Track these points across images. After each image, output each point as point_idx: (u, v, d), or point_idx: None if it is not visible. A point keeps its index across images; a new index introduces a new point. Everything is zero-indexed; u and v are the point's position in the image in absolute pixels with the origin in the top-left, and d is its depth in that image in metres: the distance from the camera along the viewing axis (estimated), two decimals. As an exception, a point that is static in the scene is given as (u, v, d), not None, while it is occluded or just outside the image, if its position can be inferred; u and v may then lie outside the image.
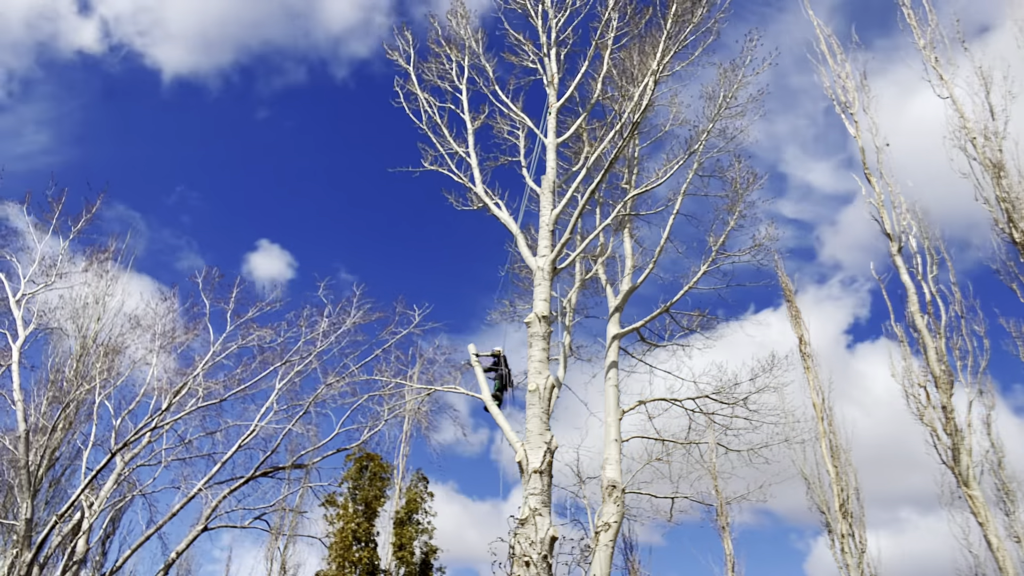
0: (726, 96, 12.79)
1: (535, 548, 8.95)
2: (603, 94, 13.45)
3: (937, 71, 14.39)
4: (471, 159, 13.26)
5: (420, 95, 13.94)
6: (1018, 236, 12.49)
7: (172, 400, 16.34)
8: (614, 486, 12.34)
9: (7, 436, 16.13)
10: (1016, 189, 12.75)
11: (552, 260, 11.46)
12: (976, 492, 11.96)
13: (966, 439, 12.42)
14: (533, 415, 10.07)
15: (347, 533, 22.30)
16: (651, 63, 11.57)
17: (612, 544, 11.92)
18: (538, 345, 10.69)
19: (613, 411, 13.39)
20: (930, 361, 13.18)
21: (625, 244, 15.83)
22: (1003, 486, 13.95)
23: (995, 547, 11.61)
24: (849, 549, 16.70)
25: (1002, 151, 13.22)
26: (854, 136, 15.40)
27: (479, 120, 13.91)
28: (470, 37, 14.30)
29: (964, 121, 13.80)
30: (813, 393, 18.89)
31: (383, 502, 23.92)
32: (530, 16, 14.15)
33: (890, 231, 14.45)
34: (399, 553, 23.18)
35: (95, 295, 19.27)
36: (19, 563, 13.97)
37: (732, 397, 14.40)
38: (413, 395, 15.23)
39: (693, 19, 11.81)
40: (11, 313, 16.70)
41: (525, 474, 9.65)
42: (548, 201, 12.18)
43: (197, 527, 16.99)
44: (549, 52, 13.79)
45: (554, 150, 12.90)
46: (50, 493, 19.21)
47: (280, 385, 17.54)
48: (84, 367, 17.29)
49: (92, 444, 16.57)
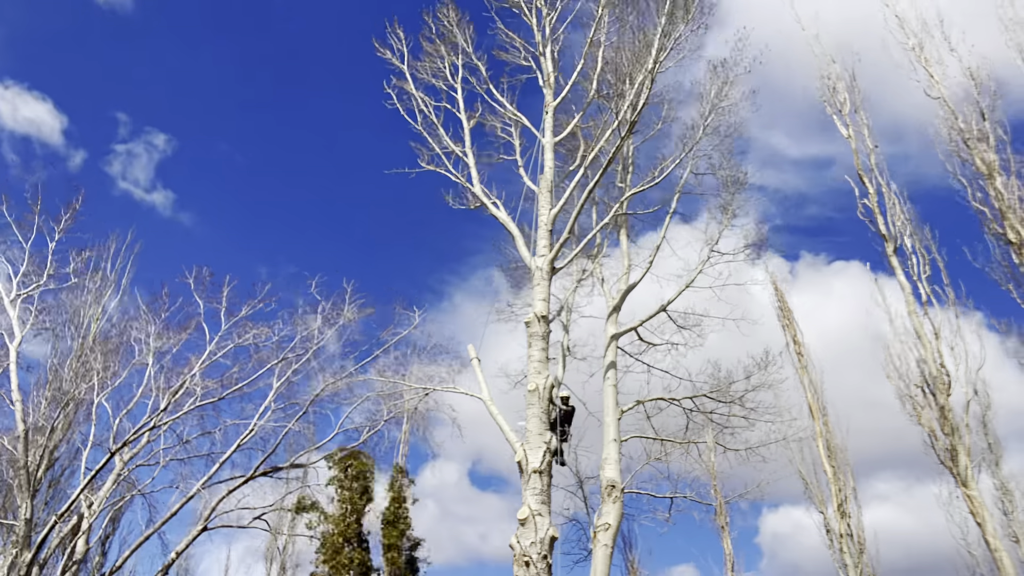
0: (718, 95, 12.80)
1: (535, 548, 8.95)
2: (599, 93, 13.43)
3: (927, 71, 14.41)
4: (468, 158, 13.21)
5: (415, 94, 13.89)
6: (1013, 237, 12.51)
7: (170, 400, 16.37)
8: (613, 486, 12.33)
9: (6, 436, 16.14)
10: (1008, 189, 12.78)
11: (550, 260, 11.45)
12: (974, 492, 11.98)
13: (964, 439, 12.44)
14: (533, 415, 10.06)
15: (337, 536, 22.23)
16: (646, 61, 11.57)
17: (612, 544, 11.90)
18: (537, 345, 10.69)
19: (612, 411, 13.38)
20: (927, 361, 13.21)
21: (622, 243, 15.82)
22: (1001, 486, 13.97)
23: (993, 547, 11.63)
24: (848, 549, 16.71)
25: (994, 151, 13.25)
26: (846, 137, 15.40)
27: (475, 119, 13.82)
28: (463, 35, 14.25)
29: (956, 122, 13.82)
30: (807, 392, 18.91)
31: (368, 500, 23.86)
32: (523, 14, 14.11)
33: (884, 231, 14.47)
34: (388, 554, 23.11)
35: (93, 295, 19.29)
36: (19, 563, 13.98)
37: (728, 395, 14.41)
38: (412, 395, 15.23)
39: (687, 16, 11.80)
40: (6, 313, 16.74)
41: (525, 474, 9.65)
42: (546, 200, 12.17)
43: (196, 527, 17.03)
44: (544, 51, 13.75)
45: (551, 149, 12.89)
46: (49, 493, 19.21)
47: (277, 384, 17.57)
48: (82, 367, 17.28)
49: (91, 444, 16.61)
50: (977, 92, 13.53)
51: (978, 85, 13.56)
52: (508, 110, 13.89)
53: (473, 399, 11.18)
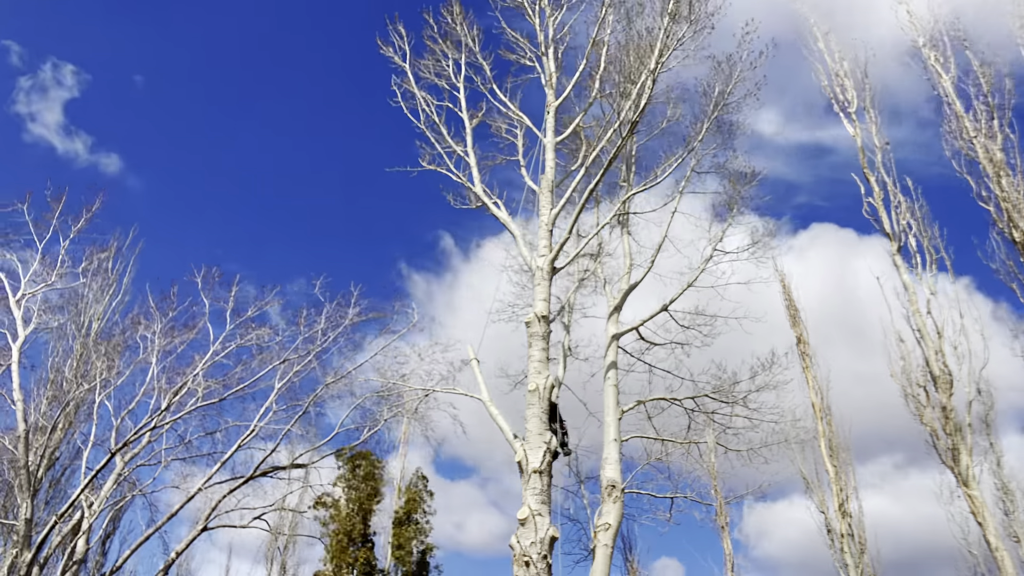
0: (722, 92, 12.73)
1: (535, 548, 8.93)
2: (601, 92, 13.40)
3: (936, 69, 14.37)
4: (470, 158, 13.19)
5: (417, 93, 13.84)
6: (1018, 236, 12.48)
7: (172, 400, 16.36)
8: (613, 486, 12.30)
9: (7, 436, 16.13)
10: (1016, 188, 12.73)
11: (551, 260, 11.42)
12: (976, 492, 11.95)
13: (966, 439, 12.41)
14: (533, 415, 10.04)
15: (342, 535, 22.31)
16: (648, 61, 11.53)
17: (612, 544, 11.88)
18: (538, 345, 10.66)
19: (612, 411, 13.34)
20: (929, 361, 13.18)
21: (624, 243, 15.77)
22: (1002, 486, 13.93)
23: (994, 547, 11.60)
24: (849, 549, 16.68)
25: (1003, 150, 13.22)
26: (852, 135, 15.35)
27: (477, 118, 13.80)
28: (466, 34, 14.22)
29: (963, 119, 13.78)
30: (812, 392, 18.87)
31: (378, 500, 23.93)
32: (527, 14, 14.09)
33: (889, 230, 14.43)
34: (397, 553, 23.20)
35: (95, 294, 19.30)
36: (19, 563, 13.98)
37: (731, 396, 14.35)
38: (412, 395, 15.22)
39: (691, 17, 11.76)
40: (11, 313, 16.73)
41: (525, 474, 9.62)
42: (547, 200, 12.15)
43: (197, 527, 17.01)
44: (547, 51, 13.73)
45: (552, 149, 12.86)
46: (50, 493, 19.23)
47: (279, 385, 17.56)
48: (84, 367, 17.29)
49: (92, 444, 16.62)
50: (986, 89, 13.49)
51: (987, 82, 13.51)
52: (510, 109, 13.86)
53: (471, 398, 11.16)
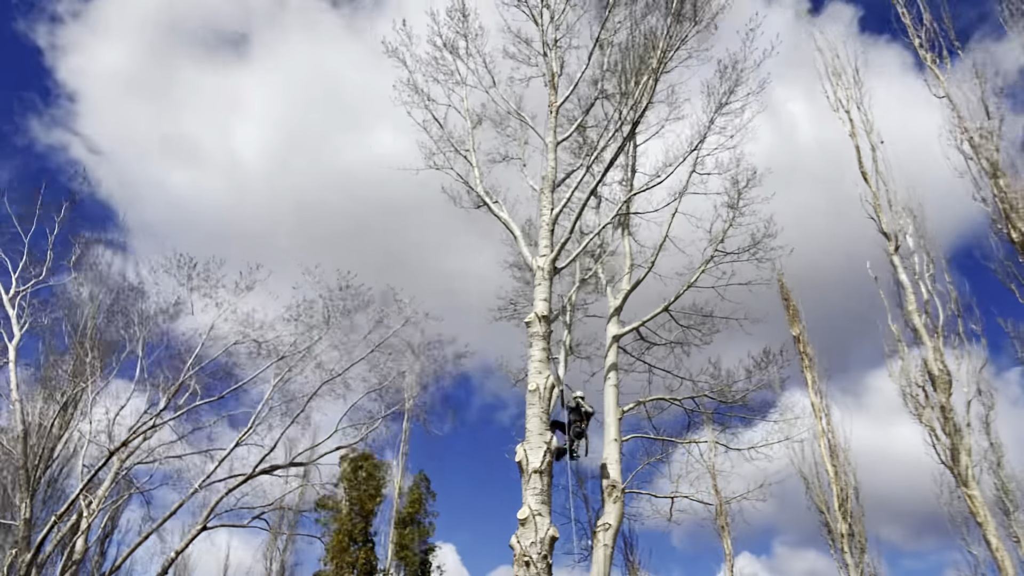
0: (725, 92, 12.71)
1: (535, 548, 8.94)
2: (602, 93, 13.39)
3: (933, 70, 14.39)
4: (472, 158, 13.21)
5: (421, 93, 13.87)
6: (1016, 236, 12.51)
7: (169, 398, 16.30)
8: (614, 486, 12.33)
9: (4, 436, 16.05)
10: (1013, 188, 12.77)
11: (552, 260, 11.41)
12: (975, 492, 11.98)
13: (965, 439, 12.44)
14: (533, 415, 10.04)
15: (343, 535, 22.30)
16: (651, 61, 11.52)
17: (612, 544, 11.91)
18: (538, 345, 10.66)
19: (613, 411, 13.37)
20: (928, 361, 13.21)
21: (625, 243, 15.76)
22: (1002, 486, 13.98)
23: (994, 547, 11.64)
24: (849, 549, 16.72)
25: (999, 150, 13.24)
26: (849, 134, 15.38)
27: (479, 119, 13.84)
28: (469, 35, 14.19)
29: (961, 120, 13.81)
30: (811, 392, 18.92)
31: (379, 501, 23.93)
32: (530, 16, 14.06)
33: (887, 230, 14.45)
34: (401, 553, 23.21)
35: (89, 291, 19.14)
36: (18, 563, 13.93)
37: (730, 395, 14.39)
38: (410, 392, 15.22)
39: (694, 18, 11.75)
40: (5, 311, 16.58)
41: (525, 474, 9.62)
42: (548, 201, 12.14)
43: (196, 526, 16.97)
44: (549, 51, 13.72)
45: (554, 150, 12.84)
46: (48, 493, 19.15)
47: (275, 381, 17.51)
48: (80, 365, 17.19)
49: (88, 443, 16.52)
50: (983, 91, 13.52)
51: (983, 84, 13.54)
52: (512, 110, 13.85)
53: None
